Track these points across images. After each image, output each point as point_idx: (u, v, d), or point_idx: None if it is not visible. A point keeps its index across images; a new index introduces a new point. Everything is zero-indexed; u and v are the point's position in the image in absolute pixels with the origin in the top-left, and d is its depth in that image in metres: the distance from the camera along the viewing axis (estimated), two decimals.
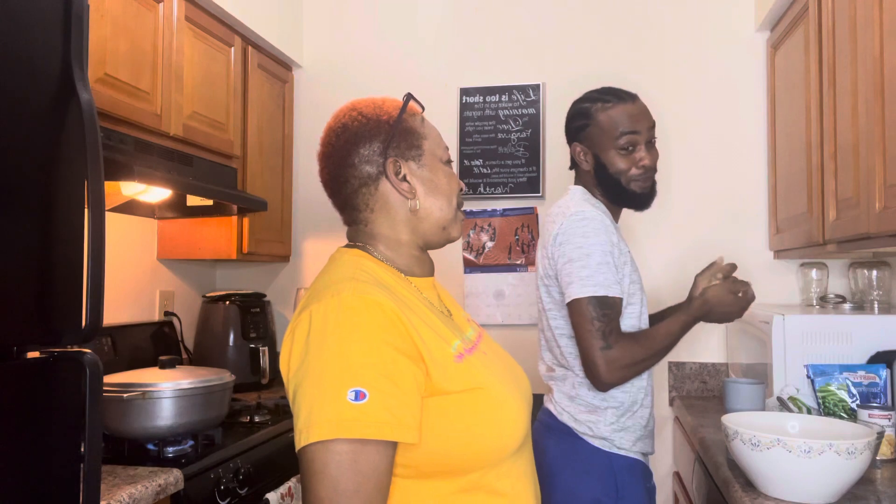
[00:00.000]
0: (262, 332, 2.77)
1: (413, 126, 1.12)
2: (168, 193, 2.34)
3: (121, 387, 1.72)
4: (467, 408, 0.98)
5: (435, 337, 1.00)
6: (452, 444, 0.97)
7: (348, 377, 0.90)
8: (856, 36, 1.76)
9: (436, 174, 1.12)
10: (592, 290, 1.54)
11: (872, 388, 1.83)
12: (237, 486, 1.84)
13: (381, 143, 1.09)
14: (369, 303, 0.95)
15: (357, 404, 0.88)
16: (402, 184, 1.10)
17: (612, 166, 1.67)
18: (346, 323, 0.93)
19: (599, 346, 1.52)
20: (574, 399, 1.63)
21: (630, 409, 1.62)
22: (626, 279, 1.63)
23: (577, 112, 1.73)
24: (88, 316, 1.20)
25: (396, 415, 0.91)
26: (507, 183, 2.85)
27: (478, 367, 1.03)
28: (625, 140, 1.66)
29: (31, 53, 1.17)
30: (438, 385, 0.96)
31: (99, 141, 1.23)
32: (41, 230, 1.18)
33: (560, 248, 1.61)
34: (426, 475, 0.97)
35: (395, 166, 1.09)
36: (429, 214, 1.12)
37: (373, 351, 0.92)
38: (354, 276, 1.01)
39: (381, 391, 0.90)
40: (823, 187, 2.00)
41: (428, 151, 1.12)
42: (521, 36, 2.90)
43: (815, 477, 1.34)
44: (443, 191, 1.13)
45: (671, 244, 2.71)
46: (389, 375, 0.92)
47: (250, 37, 2.68)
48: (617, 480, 1.57)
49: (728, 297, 1.64)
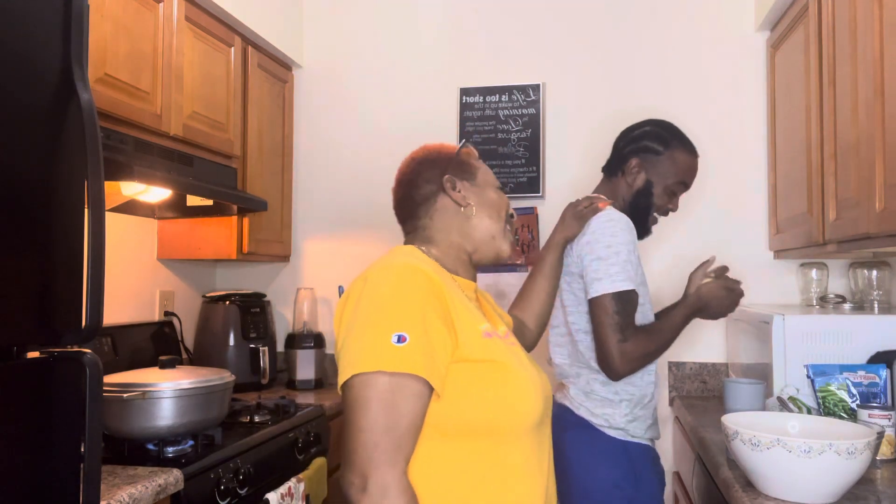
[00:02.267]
0: (262, 332, 2.77)
1: (468, 160, 1.35)
2: (168, 193, 2.34)
3: (121, 387, 1.72)
4: (485, 377, 1.12)
5: (468, 313, 1.16)
6: (469, 406, 1.11)
7: (393, 323, 1.07)
8: (856, 36, 1.76)
9: (486, 191, 1.32)
10: (620, 286, 1.64)
11: (872, 388, 1.83)
12: (237, 486, 1.84)
13: (441, 167, 1.31)
14: (417, 271, 1.12)
15: (398, 346, 1.05)
16: (457, 193, 1.29)
17: (655, 197, 1.83)
18: (397, 283, 1.11)
19: (617, 339, 1.63)
20: (589, 395, 1.72)
21: (641, 402, 1.72)
22: (638, 278, 1.72)
23: (657, 137, 1.84)
24: (88, 316, 1.20)
25: (430, 361, 1.07)
26: (507, 183, 2.85)
27: (501, 347, 1.17)
28: (676, 186, 1.84)
29: (31, 53, 1.17)
30: (463, 352, 1.11)
31: (99, 141, 1.23)
32: (41, 230, 1.18)
33: (589, 247, 1.70)
34: (447, 435, 1.11)
35: (452, 182, 1.29)
36: (480, 221, 1.30)
37: (416, 307, 1.09)
38: (408, 256, 1.19)
39: (419, 338, 1.07)
40: (823, 187, 2.00)
41: (481, 177, 1.34)
42: (521, 36, 2.90)
43: (815, 477, 1.34)
44: (493, 204, 1.32)
45: (671, 244, 2.70)
46: (427, 330, 1.08)
47: (250, 37, 2.68)
48: (634, 466, 1.68)
49: (721, 292, 1.75)
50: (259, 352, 2.69)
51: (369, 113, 3.00)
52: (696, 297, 1.75)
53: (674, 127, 1.87)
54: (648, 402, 1.74)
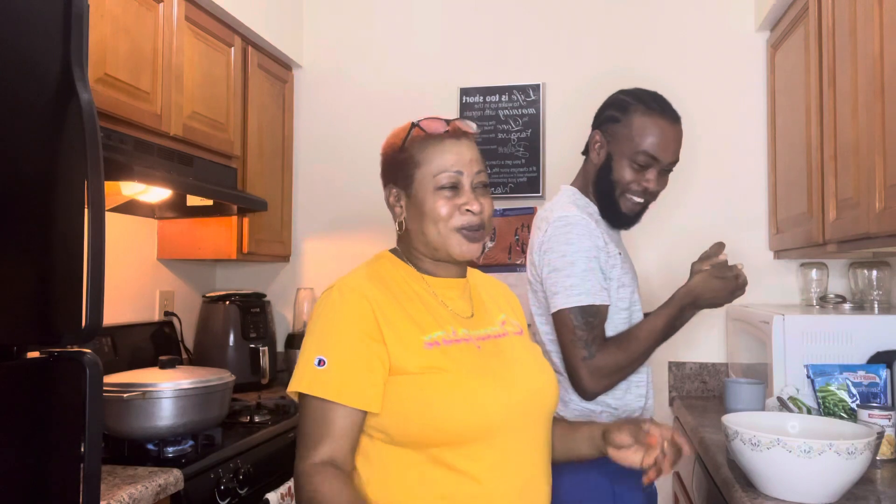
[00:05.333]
0: (262, 332, 2.77)
1: (409, 156, 1.23)
2: (168, 193, 2.34)
3: (121, 387, 1.72)
4: (424, 387, 1.12)
5: (409, 324, 1.17)
6: (409, 417, 1.12)
7: (317, 346, 1.15)
8: (856, 36, 1.76)
9: (424, 201, 1.21)
10: (577, 300, 1.51)
11: (872, 388, 1.83)
12: (237, 486, 1.84)
13: (386, 175, 1.28)
14: (352, 292, 1.17)
15: (318, 369, 1.13)
16: (395, 208, 1.26)
17: (616, 172, 1.60)
18: (330, 306, 1.18)
19: (582, 357, 1.50)
20: (567, 404, 1.59)
21: (629, 416, 1.59)
22: (614, 283, 1.59)
23: (615, 102, 1.64)
24: (88, 316, 1.20)
25: (349, 382, 1.12)
26: (507, 183, 2.85)
27: (451, 355, 1.16)
28: (643, 159, 1.58)
29: (31, 53, 1.17)
30: (398, 365, 1.13)
31: (99, 141, 1.23)
32: (41, 230, 1.18)
33: (544, 257, 1.57)
34: (396, 442, 1.14)
35: (393, 194, 1.26)
36: (416, 236, 1.24)
37: (339, 331, 1.15)
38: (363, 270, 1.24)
39: (337, 362, 1.13)
40: (823, 187, 2.00)
41: (418, 180, 1.21)
42: (521, 36, 2.90)
43: (815, 477, 1.34)
44: (428, 216, 1.21)
45: (670, 244, 2.70)
46: (349, 353, 1.13)
47: (250, 37, 2.68)
48: (613, 486, 1.53)
49: (714, 281, 1.56)
50: (259, 352, 2.69)
51: (369, 113, 3.00)
52: (686, 290, 1.58)
53: (644, 91, 1.64)
54: (638, 416, 1.60)
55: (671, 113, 1.61)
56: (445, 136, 1.22)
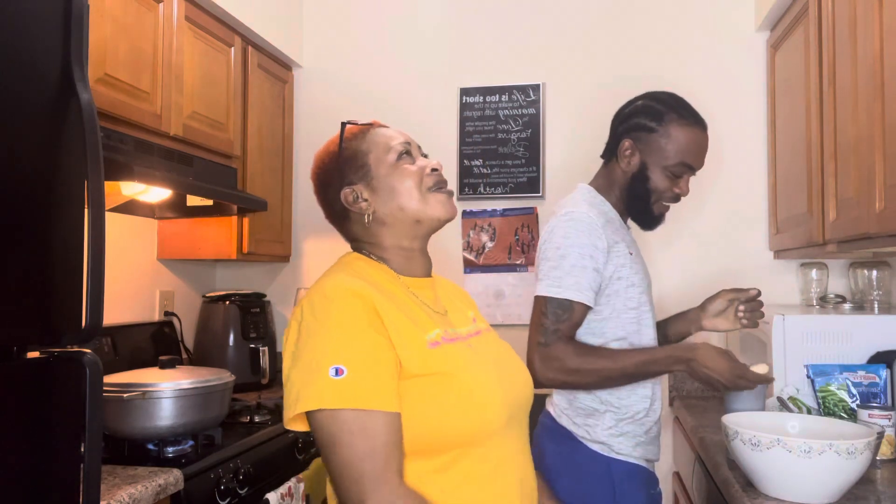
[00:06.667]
0: (262, 332, 2.77)
1: (353, 149, 1.22)
2: (168, 193, 2.34)
3: (121, 387, 1.72)
4: (434, 391, 1.07)
5: (410, 325, 1.10)
6: (423, 423, 1.05)
7: (329, 356, 1.02)
8: (856, 36, 1.76)
9: (389, 179, 1.20)
10: (556, 292, 1.54)
11: (872, 388, 1.82)
12: (237, 486, 1.84)
13: (335, 182, 1.23)
14: (347, 293, 1.07)
15: (338, 379, 1.01)
16: (358, 205, 1.20)
17: (653, 182, 1.62)
18: (328, 310, 1.07)
19: (538, 341, 1.53)
20: (572, 402, 1.61)
21: (631, 416, 1.59)
22: (623, 282, 1.59)
23: (648, 111, 1.64)
24: (88, 316, 1.20)
25: (380, 386, 1.03)
26: (507, 183, 2.85)
27: (452, 355, 1.12)
28: (679, 169, 1.62)
29: (31, 53, 1.17)
30: (407, 369, 1.06)
31: (99, 141, 1.23)
32: (41, 230, 1.18)
33: (542, 247, 1.60)
34: (406, 454, 1.05)
35: (351, 195, 1.21)
36: (395, 217, 1.20)
37: (349, 333, 1.05)
38: (340, 273, 1.15)
39: (359, 367, 1.02)
40: (823, 187, 2.00)
41: (374, 163, 1.21)
42: (521, 36, 2.90)
43: (815, 477, 1.34)
44: (399, 190, 1.19)
45: (671, 245, 2.70)
46: (367, 352, 1.04)
47: (250, 37, 2.68)
48: (615, 487, 1.53)
49: (720, 362, 1.50)
50: (259, 352, 2.69)
51: (369, 113, 2.99)
52: (688, 348, 1.53)
53: (671, 97, 1.65)
54: (642, 417, 1.60)
55: (702, 121, 1.65)
56: (375, 126, 1.26)
